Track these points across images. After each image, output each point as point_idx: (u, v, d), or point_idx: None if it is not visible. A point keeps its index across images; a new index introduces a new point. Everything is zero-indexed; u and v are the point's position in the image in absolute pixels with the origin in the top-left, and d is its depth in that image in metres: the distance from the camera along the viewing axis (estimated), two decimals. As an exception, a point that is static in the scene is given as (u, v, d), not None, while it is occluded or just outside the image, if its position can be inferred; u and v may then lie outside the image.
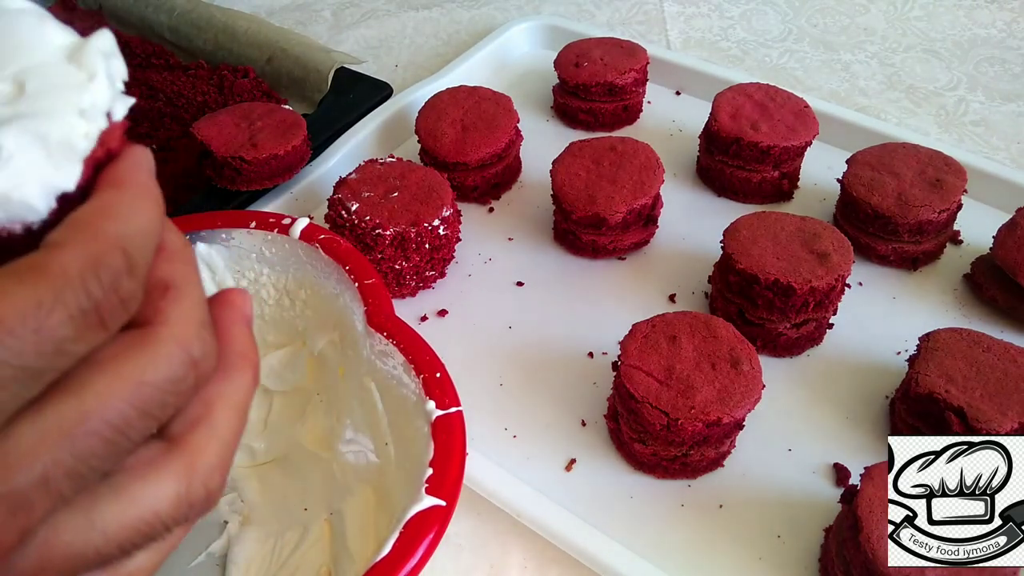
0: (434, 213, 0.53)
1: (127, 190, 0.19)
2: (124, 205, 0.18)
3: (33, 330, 0.16)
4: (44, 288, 0.16)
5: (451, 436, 0.35)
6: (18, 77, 0.18)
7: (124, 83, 0.20)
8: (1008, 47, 0.82)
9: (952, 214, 0.56)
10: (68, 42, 0.20)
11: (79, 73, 0.19)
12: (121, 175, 0.19)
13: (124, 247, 0.18)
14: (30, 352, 0.16)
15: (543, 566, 0.43)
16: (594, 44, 0.71)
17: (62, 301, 0.16)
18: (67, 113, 0.18)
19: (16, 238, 0.18)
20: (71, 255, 0.17)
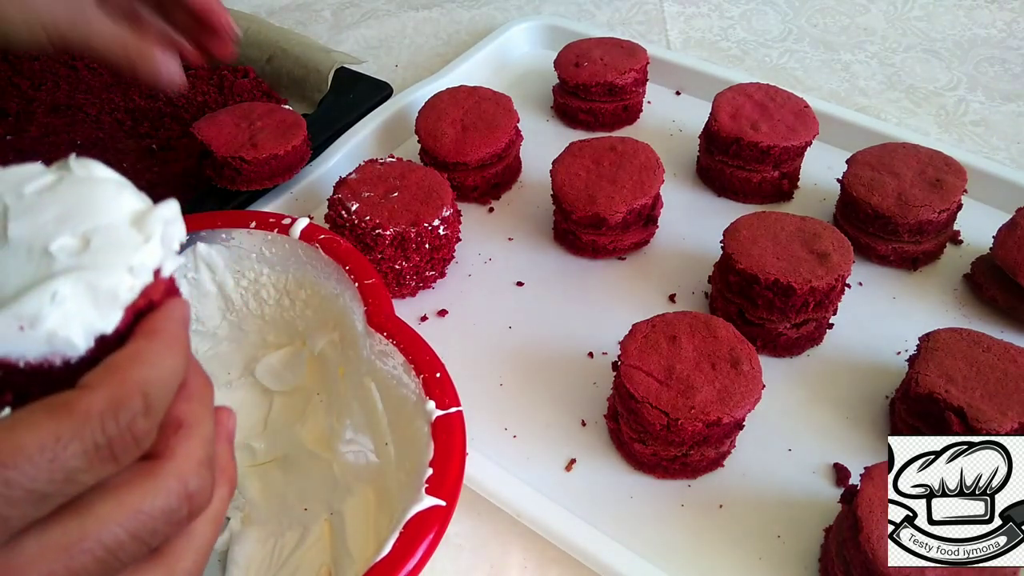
0: (434, 213, 0.53)
1: (158, 339, 0.21)
2: (152, 353, 0.21)
3: (48, 460, 0.18)
4: (66, 424, 0.18)
5: (451, 436, 0.35)
6: (86, 234, 0.22)
7: (180, 244, 0.24)
8: (1008, 47, 0.82)
9: (952, 214, 0.56)
10: (138, 208, 0.23)
11: (138, 235, 0.22)
12: (156, 325, 0.22)
13: (145, 391, 0.20)
14: (43, 479, 0.18)
15: (543, 566, 0.43)
16: (594, 44, 0.72)
17: (79, 437, 0.19)
18: (118, 268, 0.21)
19: (55, 369, 0.20)
20: (97, 396, 0.19)
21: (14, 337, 0.20)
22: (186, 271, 0.45)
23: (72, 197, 0.22)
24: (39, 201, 0.22)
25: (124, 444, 0.20)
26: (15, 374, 0.20)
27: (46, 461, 0.18)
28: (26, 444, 0.18)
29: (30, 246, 0.21)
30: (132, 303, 0.22)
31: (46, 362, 0.20)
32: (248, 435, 0.45)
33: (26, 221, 0.21)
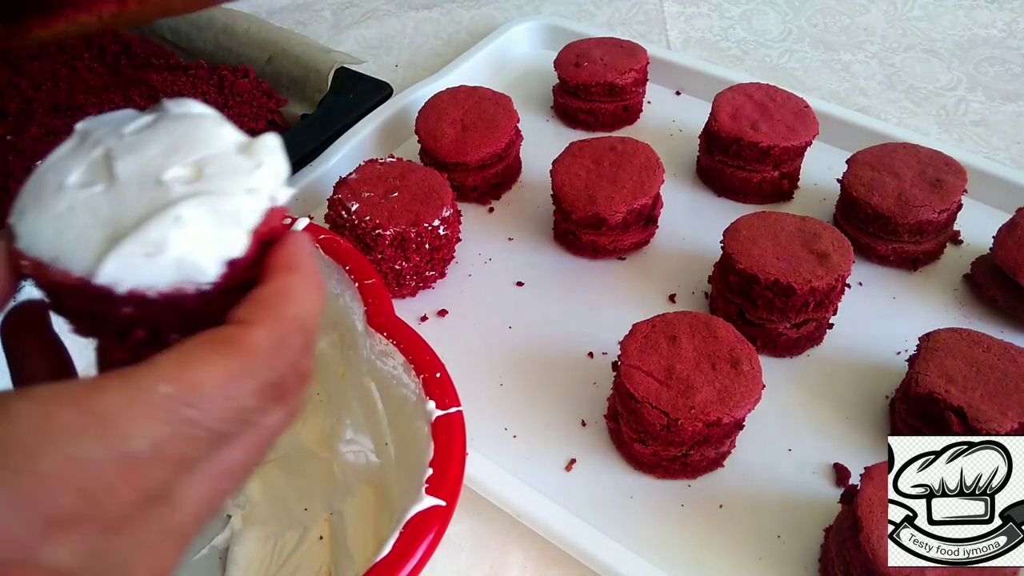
0: (434, 213, 0.53)
1: (301, 275, 0.21)
2: (300, 289, 0.20)
3: (224, 398, 0.18)
4: (237, 361, 0.18)
5: (451, 436, 0.35)
6: (198, 163, 0.21)
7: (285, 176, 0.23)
8: (1008, 47, 0.82)
9: (952, 214, 0.56)
10: (241, 139, 0.23)
11: (248, 161, 0.22)
12: (293, 259, 0.21)
13: (303, 328, 0.20)
14: (220, 417, 0.18)
15: (543, 566, 0.43)
16: (594, 44, 0.71)
17: (252, 375, 0.18)
18: (237, 191, 0.21)
19: (187, 299, 0.20)
20: (261, 333, 0.19)
21: (142, 265, 0.19)
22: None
23: (174, 132, 0.22)
24: (142, 139, 0.21)
25: (291, 382, 0.20)
26: (146, 306, 0.19)
27: (223, 399, 0.18)
28: (204, 382, 0.17)
29: (141, 180, 0.20)
30: (256, 227, 0.21)
31: (178, 290, 0.20)
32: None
33: (132, 158, 0.21)
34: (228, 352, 0.18)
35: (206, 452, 0.18)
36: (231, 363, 0.18)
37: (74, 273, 0.19)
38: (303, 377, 0.20)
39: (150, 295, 0.19)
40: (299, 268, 0.21)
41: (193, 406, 0.17)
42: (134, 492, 0.17)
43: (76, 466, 0.16)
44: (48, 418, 0.16)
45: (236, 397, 0.18)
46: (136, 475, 0.17)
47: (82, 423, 0.16)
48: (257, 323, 0.19)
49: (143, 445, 0.16)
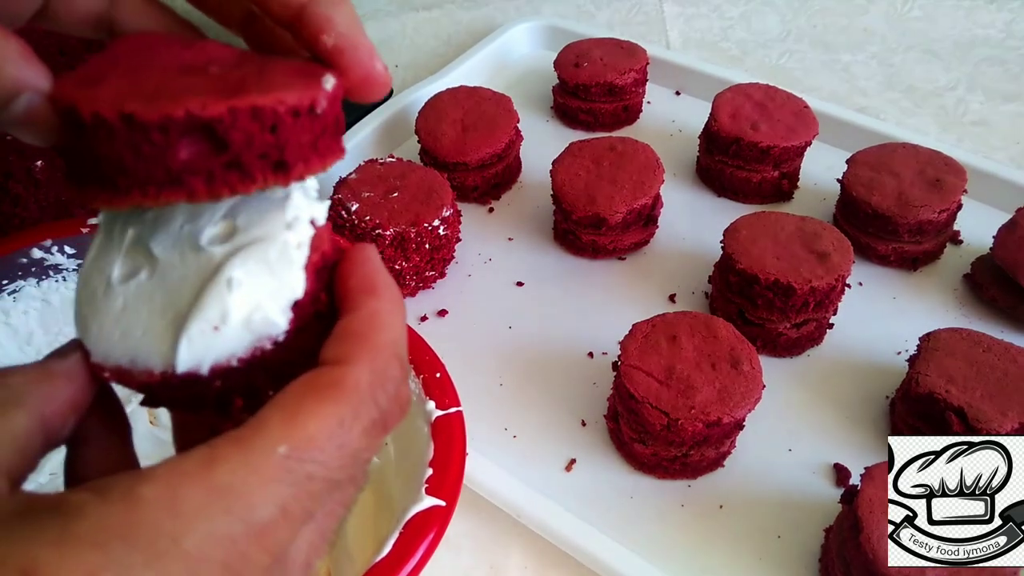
0: (434, 213, 0.53)
1: (383, 296, 0.20)
2: (386, 313, 0.20)
3: (337, 446, 0.18)
4: (344, 406, 0.18)
5: (451, 436, 0.35)
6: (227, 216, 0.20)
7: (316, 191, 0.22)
8: (1008, 47, 0.82)
9: (952, 214, 0.56)
10: None
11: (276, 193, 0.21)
12: (370, 280, 0.20)
13: (398, 354, 0.20)
14: (335, 466, 0.18)
15: (543, 566, 0.43)
16: (594, 44, 0.72)
17: (358, 417, 0.18)
18: (277, 231, 0.20)
19: (268, 353, 0.19)
20: (361, 370, 0.18)
21: (214, 340, 0.19)
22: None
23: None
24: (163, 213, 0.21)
25: (393, 413, 0.19)
26: (233, 376, 0.19)
27: (335, 448, 0.18)
28: (317, 435, 0.17)
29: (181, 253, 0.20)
30: (308, 260, 0.20)
31: (257, 350, 0.19)
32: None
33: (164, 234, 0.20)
34: (333, 397, 0.18)
35: (323, 502, 0.18)
36: (339, 408, 0.18)
37: (156, 370, 0.19)
38: (404, 407, 0.20)
39: (233, 364, 0.19)
40: (379, 289, 0.20)
41: (310, 461, 0.17)
42: (267, 557, 0.17)
43: (215, 543, 0.16)
44: (177, 500, 0.16)
45: (347, 443, 0.18)
46: (266, 540, 0.17)
47: (210, 500, 0.16)
48: (354, 360, 0.19)
49: (271, 510, 0.17)
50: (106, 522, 0.15)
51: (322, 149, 0.19)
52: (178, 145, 0.17)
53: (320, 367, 0.19)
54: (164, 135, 0.17)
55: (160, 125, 0.17)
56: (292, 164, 0.19)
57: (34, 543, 0.15)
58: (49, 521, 0.15)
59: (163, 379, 0.19)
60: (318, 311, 0.21)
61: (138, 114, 0.17)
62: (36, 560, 0.15)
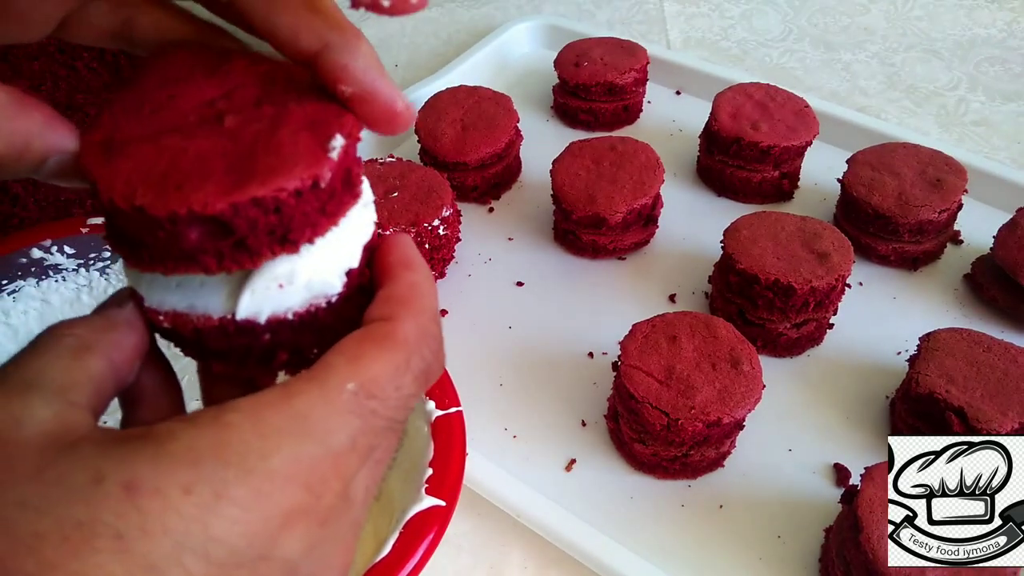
0: (434, 213, 0.53)
1: (420, 272, 0.22)
2: (424, 284, 0.22)
3: (396, 388, 0.20)
4: (400, 354, 0.20)
5: (451, 436, 0.35)
6: None
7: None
8: (1009, 47, 0.82)
9: (952, 214, 0.56)
10: None
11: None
12: (409, 258, 0.23)
13: (436, 318, 0.22)
14: (393, 406, 0.20)
15: (543, 566, 0.43)
16: (594, 44, 0.71)
17: (410, 364, 0.20)
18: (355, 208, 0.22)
19: (320, 312, 0.21)
20: (409, 326, 0.20)
21: (276, 296, 0.20)
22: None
23: None
24: None
25: (435, 368, 0.21)
26: (284, 329, 0.21)
27: (394, 389, 0.19)
28: (378, 376, 0.19)
29: None
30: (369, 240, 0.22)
31: (312, 306, 0.21)
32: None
33: None
34: (390, 346, 0.20)
35: (381, 441, 0.20)
36: (395, 356, 0.20)
37: (215, 316, 0.20)
38: (442, 362, 0.22)
39: (288, 317, 0.21)
40: (417, 266, 0.23)
41: (374, 398, 0.19)
42: (340, 483, 0.18)
43: (299, 463, 0.17)
44: (262, 424, 0.17)
45: (402, 386, 0.20)
46: (340, 467, 0.18)
47: (293, 424, 0.17)
48: (403, 318, 0.20)
49: (344, 438, 0.18)
50: (198, 443, 0.16)
51: (331, 210, 0.20)
52: (187, 232, 0.18)
53: (370, 324, 0.20)
54: (173, 225, 0.18)
55: (168, 218, 0.18)
56: (299, 235, 0.20)
57: (133, 462, 0.16)
58: (143, 444, 0.16)
59: (220, 325, 0.20)
60: (362, 284, 0.22)
61: (148, 207, 0.18)
62: (135, 476, 0.16)
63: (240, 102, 0.20)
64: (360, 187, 0.22)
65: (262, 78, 0.21)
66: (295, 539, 0.17)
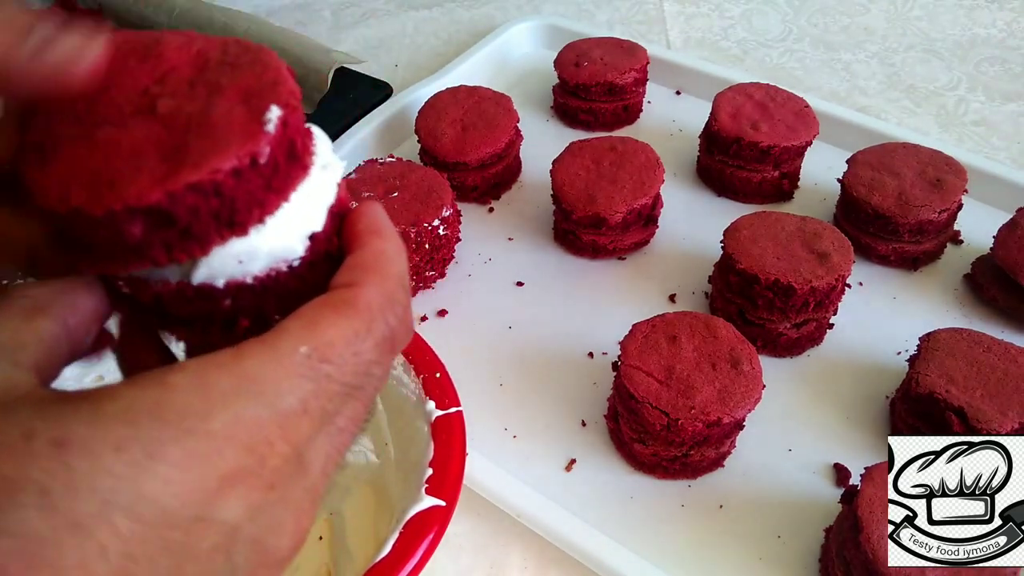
0: (434, 213, 0.53)
1: (388, 239, 0.22)
2: (391, 251, 0.22)
3: (353, 354, 0.19)
4: (358, 320, 0.19)
5: (451, 436, 0.35)
6: None
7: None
8: (1009, 47, 0.82)
9: (952, 214, 0.56)
10: None
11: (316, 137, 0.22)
12: (377, 225, 0.22)
13: (403, 284, 0.22)
14: (350, 371, 0.19)
15: (543, 566, 0.43)
16: (594, 44, 0.71)
17: (371, 331, 0.20)
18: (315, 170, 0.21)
19: (282, 275, 0.21)
20: (372, 292, 0.20)
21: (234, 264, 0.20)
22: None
23: None
24: None
25: (401, 334, 0.21)
26: (244, 293, 0.20)
27: (352, 355, 0.19)
28: (335, 340, 0.19)
29: None
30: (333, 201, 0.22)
31: (272, 271, 0.21)
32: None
33: None
34: (349, 312, 0.19)
35: (338, 407, 0.19)
36: (354, 322, 0.19)
37: (172, 280, 0.20)
38: (409, 330, 0.22)
39: (247, 281, 0.20)
40: (385, 233, 0.22)
41: (329, 362, 0.19)
42: (288, 447, 0.18)
43: (241, 424, 0.17)
44: (207, 384, 0.17)
45: (361, 352, 0.19)
46: (288, 430, 0.18)
47: (239, 386, 0.17)
48: (366, 284, 0.20)
49: (293, 401, 0.18)
50: (137, 403, 0.16)
51: (278, 186, 0.20)
52: (129, 228, 0.18)
53: (333, 290, 0.20)
54: (113, 222, 0.18)
55: (106, 216, 0.17)
56: (246, 216, 0.19)
57: (66, 419, 0.16)
58: (80, 403, 0.16)
59: (178, 289, 0.20)
60: (329, 251, 0.22)
61: (84, 208, 0.17)
62: (67, 433, 0.16)
63: (173, 86, 0.19)
64: (310, 156, 0.21)
65: (195, 58, 0.20)
66: (235, 502, 0.17)
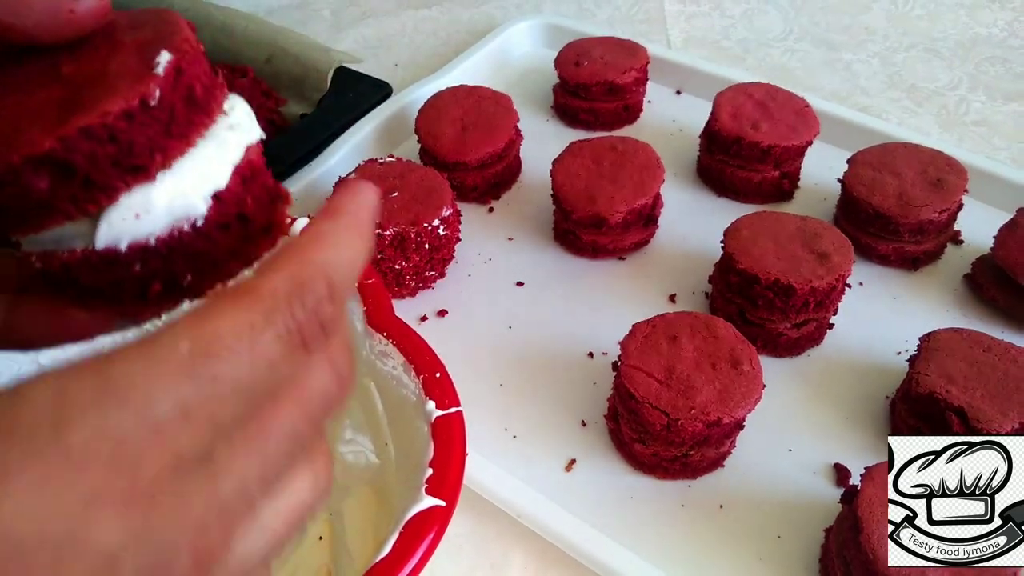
0: (434, 213, 0.53)
1: (339, 219, 0.20)
2: (335, 234, 0.19)
3: (248, 348, 0.17)
4: (255, 308, 0.17)
5: (451, 436, 0.35)
6: None
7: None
8: (1010, 47, 0.82)
9: (953, 214, 0.56)
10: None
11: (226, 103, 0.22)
12: (341, 206, 0.20)
13: (328, 274, 0.19)
14: (246, 368, 0.17)
15: (543, 566, 0.43)
16: (594, 43, 0.71)
17: (271, 322, 0.17)
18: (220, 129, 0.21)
19: (186, 236, 0.21)
20: (278, 278, 0.18)
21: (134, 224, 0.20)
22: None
23: None
24: None
25: (313, 330, 0.18)
26: (151, 256, 0.20)
27: (246, 349, 0.17)
28: (223, 332, 0.17)
29: None
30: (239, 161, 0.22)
31: (175, 231, 0.20)
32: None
33: None
34: (244, 301, 0.17)
35: (240, 412, 0.17)
36: (248, 312, 0.17)
37: (77, 247, 0.20)
38: (325, 328, 0.19)
39: (151, 243, 0.20)
40: (338, 213, 0.20)
41: (215, 359, 0.16)
42: (166, 458, 0.16)
43: (103, 437, 0.15)
44: (66, 394, 0.15)
45: (259, 348, 0.17)
46: (165, 440, 0.16)
47: (102, 394, 0.15)
48: (276, 269, 0.18)
49: (168, 407, 0.16)
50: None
51: (178, 132, 0.20)
52: (33, 182, 0.18)
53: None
54: (15, 177, 0.18)
55: (8, 172, 0.18)
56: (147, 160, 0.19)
57: None
58: None
59: (84, 256, 0.20)
60: (242, 213, 0.22)
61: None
62: None
63: (79, 53, 0.20)
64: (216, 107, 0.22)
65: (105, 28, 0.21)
66: (108, 524, 0.15)
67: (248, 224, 0.22)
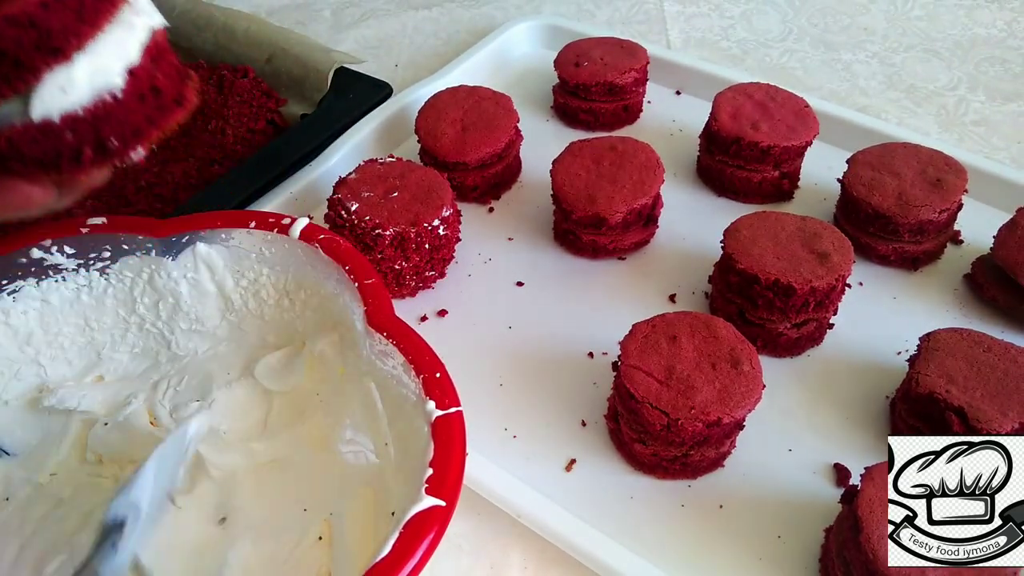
0: (434, 213, 0.53)
1: None
2: None
3: None
4: None
5: (451, 436, 0.35)
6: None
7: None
8: (1009, 47, 0.82)
9: (952, 214, 0.56)
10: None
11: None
12: None
13: None
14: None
15: (543, 566, 0.43)
16: (594, 44, 0.71)
17: None
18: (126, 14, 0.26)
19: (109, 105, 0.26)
20: None
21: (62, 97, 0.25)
22: (186, 271, 0.45)
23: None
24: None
25: None
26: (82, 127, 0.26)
27: None
28: None
29: None
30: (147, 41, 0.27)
31: (100, 101, 0.26)
32: (248, 436, 0.45)
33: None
34: None
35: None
36: None
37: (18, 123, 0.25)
38: None
39: (79, 113, 0.25)
40: None
41: None
42: None
43: None
44: None
45: None
46: None
47: None
48: None
49: None
50: None
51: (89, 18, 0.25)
52: None
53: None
54: None
55: None
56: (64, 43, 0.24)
57: None
58: None
59: (24, 128, 0.25)
60: (154, 86, 0.27)
61: None
62: None
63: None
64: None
65: None
66: None
67: (161, 95, 0.27)
